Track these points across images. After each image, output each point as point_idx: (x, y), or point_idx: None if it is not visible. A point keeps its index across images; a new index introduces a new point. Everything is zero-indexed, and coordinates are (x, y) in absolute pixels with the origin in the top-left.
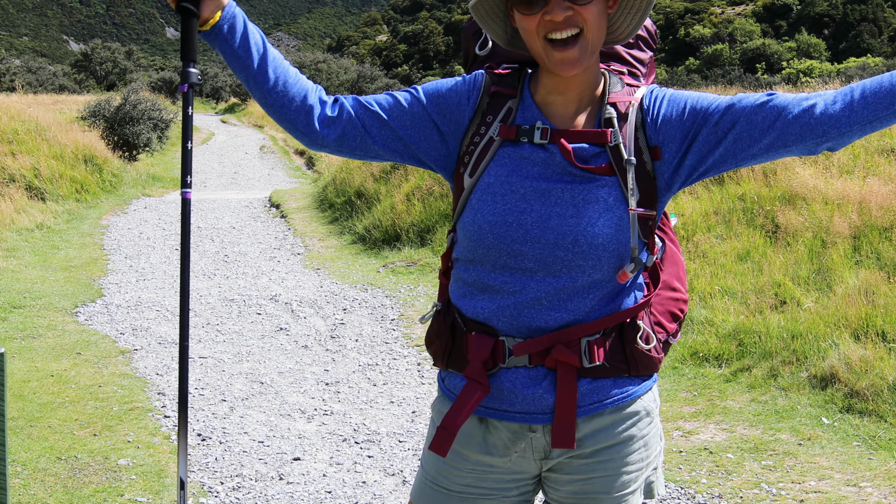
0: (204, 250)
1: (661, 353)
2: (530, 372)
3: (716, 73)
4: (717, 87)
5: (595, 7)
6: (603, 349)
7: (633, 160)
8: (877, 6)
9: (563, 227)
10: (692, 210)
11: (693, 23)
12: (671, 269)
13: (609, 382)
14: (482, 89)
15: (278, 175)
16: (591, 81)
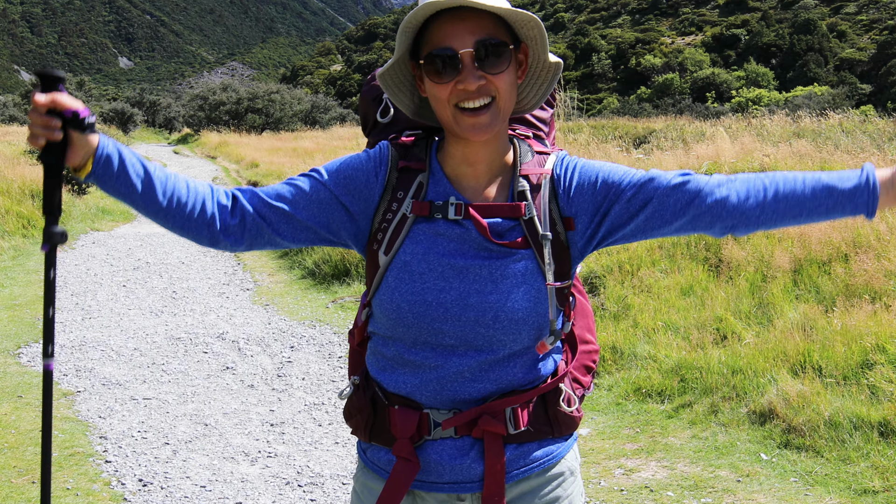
0: (152, 287)
1: (580, 411)
2: (457, 443)
3: (666, 103)
4: (668, 115)
5: (507, 76)
6: (527, 413)
7: (548, 235)
8: (822, 37)
9: (483, 305)
10: (637, 245)
11: (644, 52)
12: (581, 322)
13: (534, 446)
14: (390, 164)
15: None
16: (500, 150)
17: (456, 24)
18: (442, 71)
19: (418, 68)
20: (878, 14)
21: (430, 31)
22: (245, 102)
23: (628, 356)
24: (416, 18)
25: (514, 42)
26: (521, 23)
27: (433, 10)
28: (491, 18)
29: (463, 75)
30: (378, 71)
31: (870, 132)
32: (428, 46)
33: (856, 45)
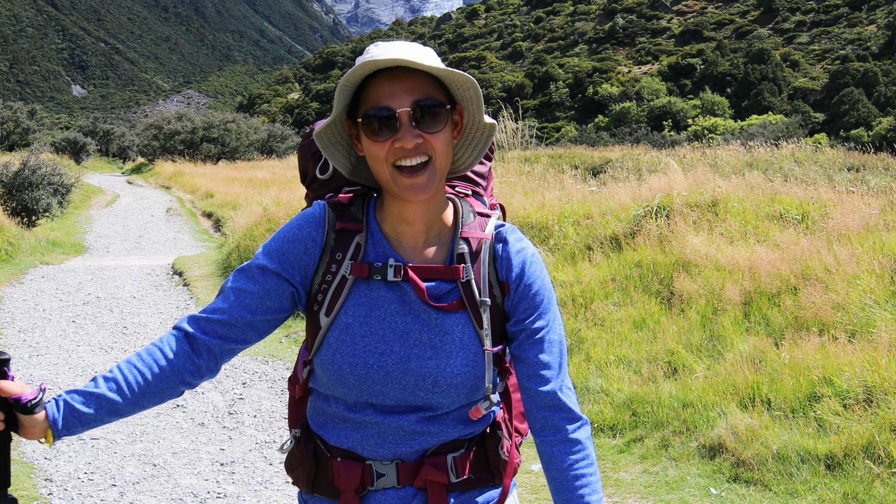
0: (102, 322)
1: (519, 456)
2: (400, 492)
3: (623, 131)
4: (625, 144)
5: (443, 136)
6: (468, 462)
7: (487, 301)
8: (776, 66)
9: (423, 370)
10: (591, 277)
11: (601, 81)
12: None
13: (476, 493)
14: (327, 226)
15: (184, 238)
16: (439, 209)
17: (394, 83)
18: (379, 129)
19: (355, 127)
20: (830, 44)
21: (367, 91)
22: (200, 132)
23: (581, 390)
24: (354, 77)
25: (450, 102)
26: (457, 83)
27: (371, 70)
28: (428, 79)
29: (400, 134)
30: (315, 129)
31: (821, 162)
32: (366, 105)
33: (809, 74)
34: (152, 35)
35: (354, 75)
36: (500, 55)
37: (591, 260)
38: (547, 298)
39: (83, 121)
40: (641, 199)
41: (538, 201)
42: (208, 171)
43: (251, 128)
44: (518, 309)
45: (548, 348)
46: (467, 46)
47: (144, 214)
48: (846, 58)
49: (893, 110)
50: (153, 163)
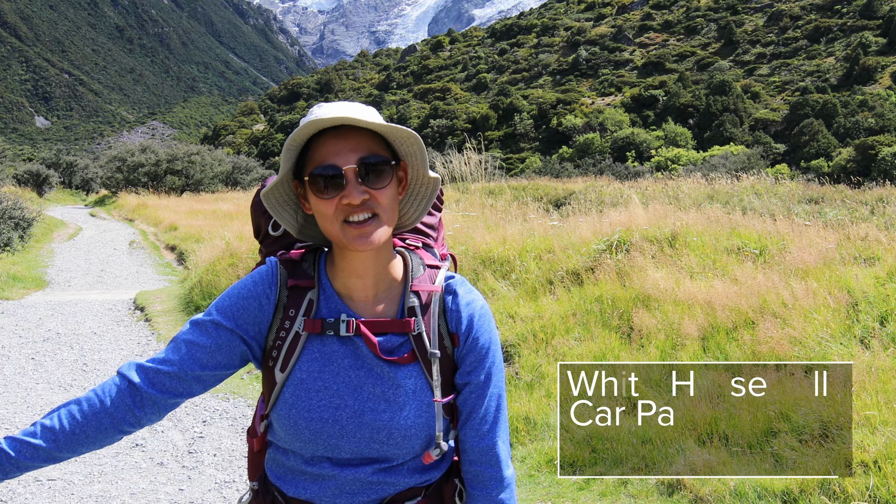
0: (62, 359)
1: None
2: None
3: (587, 162)
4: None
5: (389, 191)
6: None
7: (437, 353)
8: (737, 97)
9: (377, 423)
10: (552, 312)
11: (565, 112)
12: None
13: None
14: (279, 284)
15: (147, 272)
16: (388, 263)
17: (339, 141)
18: (327, 187)
19: (301, 186)
20: (790, 76)
21: (313, 150)
22: (164, 164)
23: (541, 426)
24: (300, 137)
25: (394, 158)
26: (401, 140)
27: (317, 129)
28: (372, 136)
29: (347, 191)
30: (262, 190)
31: (780, 194)
32: (312, 164)
33: (769, 105)
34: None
35: (300, 135)
36: (464, 87)
37: (552, 294)
38: (492, 352)
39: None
40: (602, 234)
41: (500, 236)
42: (172, 203)
43: (215, 160)
44: (465, 362)
45: (487, 402)
46: (432, 78)
47: (107, 247)
48: (806, 89)
49: (852, 141)
50: (116, 195)
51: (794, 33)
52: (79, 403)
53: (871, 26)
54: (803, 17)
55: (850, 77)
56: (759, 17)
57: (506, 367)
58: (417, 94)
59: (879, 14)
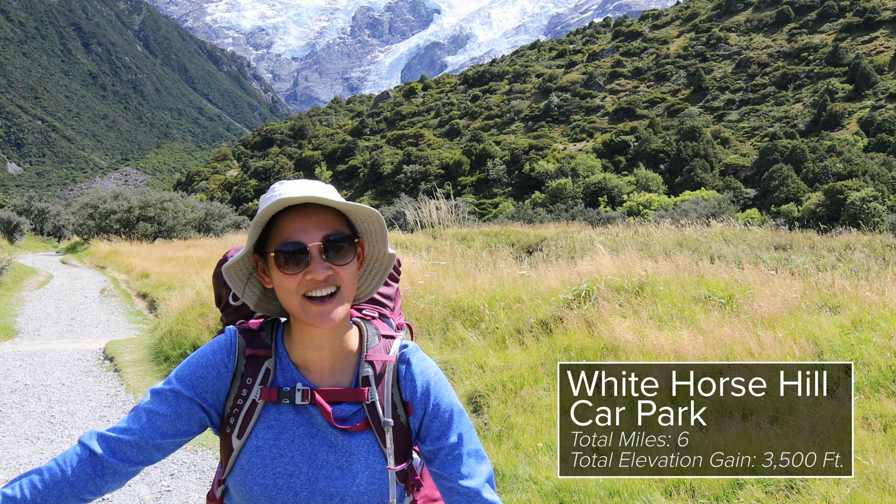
0: (29, 411)
1: None
2: None
3: (559, 208)
4: (561, 221)
5: (351, 267)
6: None
7: (389, 422)
8: (707, 143)
9: (330, 490)
10: (521, 362)
11: (537, 158)
12: (430, 481)
13: None
14: (238, 353)
15: (118, 320)
16: (344, 336)
17: (304, 219)
18: (291, 263)
19: (262, 261)
20: (759, 122)
21: (278, 226)
22: (137, 211)
23: (510, 479)
24: (267, 214)
25: (355, 235)
26: (362, 218)
27: (284, 206)
28: (335, 214)
29: (311, 267)
30: (224, 264)
31: (749, 241)
32: (276, 240)
33: (739, 151)
34: (90, 113)
35: (268, 212)
36: (437, 132)
37: (521, 344)
38: (455, 413)
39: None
40: (570, 283)
41: (470, 285)
42: (144, 250)
43: (188, 206)
44: (431, 429)
45: (466, 462)
46: (405, 124)
47: (78, 295)
48: (774, 135)
49: (822, 186)
50: (88, 242)
51: (763, 80)
52: (40, 473)
53: (837, 73)
54: (771, 64)
55: (817, 123)
56: (727, 64)
57: (474, 418)
58: (391, 140)
59: (845, 61)
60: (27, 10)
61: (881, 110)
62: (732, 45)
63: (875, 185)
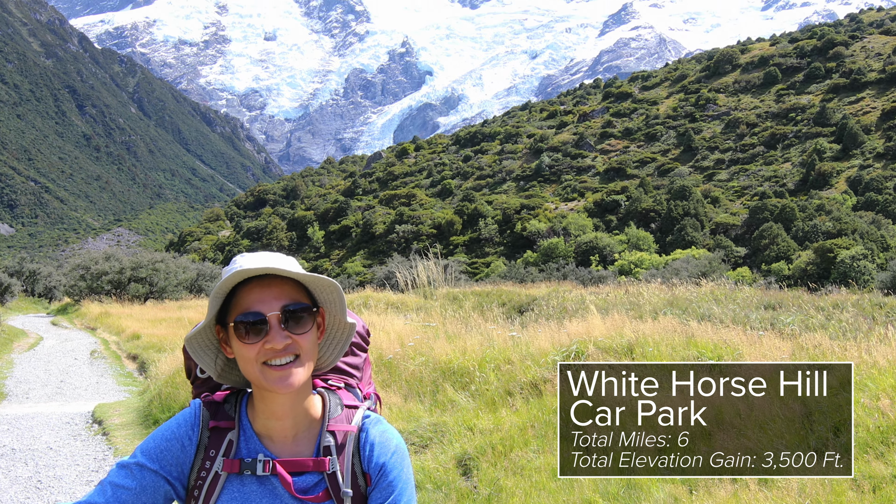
0: (16, 476)
1: None
2: None
3: (551, 267)
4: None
5: (310, 336)
6: None
7: (349, 492)
8: (697, 202)
9: None
10: (510, 424)
11: (529, 217)
12: None
13: None
14: (201, 425)
15: (107, 383)
16: (306, 404)
17: (263, 289)
18: (251, 332)
19: (223, 331)
20: (749, 181)
21: (237, 297)
22: (128, 272)
23: None
24: (227, 285)
25: (315, 305)
26: (321, 288)
27: (243, 278)
28: (294, 284)
29: (271, 336)
30: (187, 335)
31: (739, 300)
32: (236, 311)
33: (729, 210)
34: (83, 174)
35: (228, 284)
36: (429, 192)
37: (511, 405)
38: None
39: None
40: (560, 344)
41: (460, 346)
42: (135, 311)
43: (180, 267)
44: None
45: None
46: (398, 184)
47: (68, 357)
48: (764, 194)
49: (811, 244)
50: (79, 303)
51: (752, 140)
52: None
53: (825, 133)
54: (759, 124)
55: (806, 182)
56: (716, 124)
57: (463, 481)
58: (383, 200)
59: (832, 121)
60: (22, 72)
61: (869, 169)
62: (721, 105)
63: (864, 243)
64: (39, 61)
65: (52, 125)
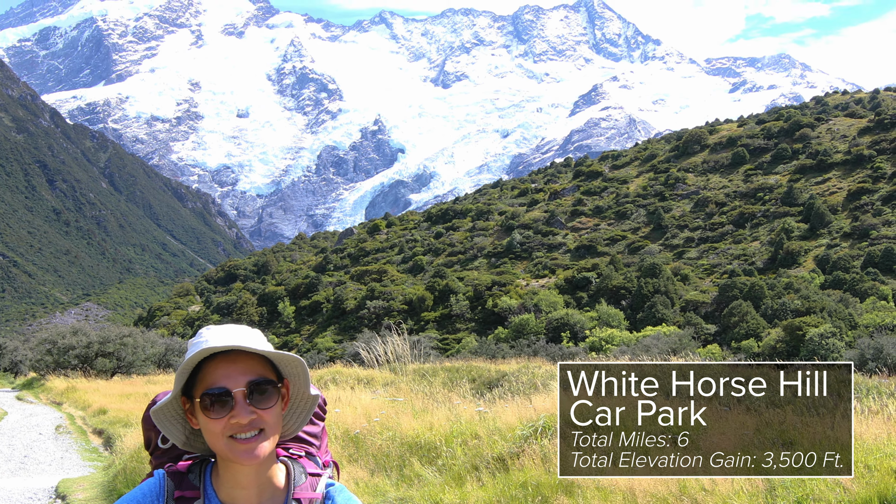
0: None
1: None
2: None
3: (522, 343)
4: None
5: (275, 409)
6: None
7: None
8: (667, 279)
9: None
10: (476, 499)
11: (500, 294)
12: None
13: None
14: (167, 496)
15: (72, 458)
16: (270, 474)
17: (229, 365)
18: (217, 407)
19: (189, 403)
20: (718, 259)
21: (204, 371)
22: (96, 346)
23: None
24: (193, 361)
25: (279, 379)
26: (285, 363)
27: (209, 353)
28: (259, 360)
29: (236, 411)
30: (153, 407)
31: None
32: (203, 385)
33: (699, 287)
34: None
35: (195, 359)
36: (401, 268)
37: (478, 480)
38: None
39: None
40: (527, 419)
41: (427, 422)
42: (102, 386)
43: (148, 342)
44: None
45: None
46: (369, 260)
47: (32, 432)
48: (733, 272)
49: (780, 322)
50: (45, 378)
51: (720, 219)
52: None
53: (792, 212)
54: (728, 203)
55: (775, 260)
56: (685, 203)
57: None
58: (354, 276)
59: (800, 201)
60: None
61: (836, 248)
62: (690, 184)
63: (833, 321)
64: (10, 136)
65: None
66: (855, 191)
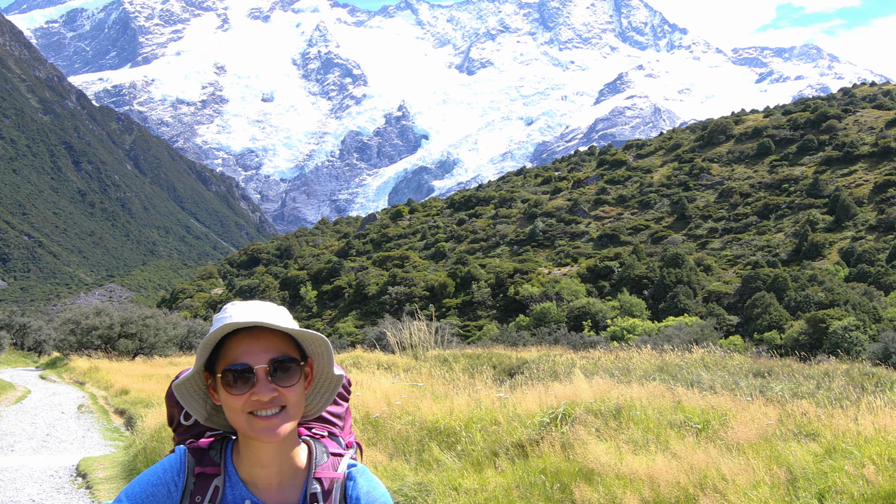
0: None
1: None
2: None
3: (543, 331)
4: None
5: (297, 388)
6: None
7: None
8: (690, 270)
9: None
10: (495, 485)
11: (522, 282)
12: None
13: None
14: (187, 472)
15: (93, 437)
16: (292, 452)
17: (252, 342)
18: (239, 383)
19: (212, 378)
20: (741, 250)
21: (227, 347)
22: (118, 327)
23: None
24: (216, 336)
25: (302, 357)
26: (309, 341)
27: (232, 329)
28: (283, 337)
29: (258, 388)
30: (175, 382)
31: (729, 367)
32: (225, 361)
33: (722, 278)
34: (77, 229)
35: (217, 334)
36: (423, 255)
37: (497, 466)
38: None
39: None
40: (547, 406)
41: (447, 407)
42: (124, 367)
43: (170, 323)
44: None
45: None
46: (391, 246)
47: (55, 411)
48: (757, 263)
49: (803, 314)
50: (68, 358)
51: (745, 209)
52: None
53: (817, 204)
54: (752, 194)
55: (799, 252)
56: (710, 193)
57: None
58: (376, 262)
59: (825, 193)
60: (19, 128)
61: (861, 241)
62: (715, 175)
63: (856, 314)
64: (37, 117)
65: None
66: (881, 183)
